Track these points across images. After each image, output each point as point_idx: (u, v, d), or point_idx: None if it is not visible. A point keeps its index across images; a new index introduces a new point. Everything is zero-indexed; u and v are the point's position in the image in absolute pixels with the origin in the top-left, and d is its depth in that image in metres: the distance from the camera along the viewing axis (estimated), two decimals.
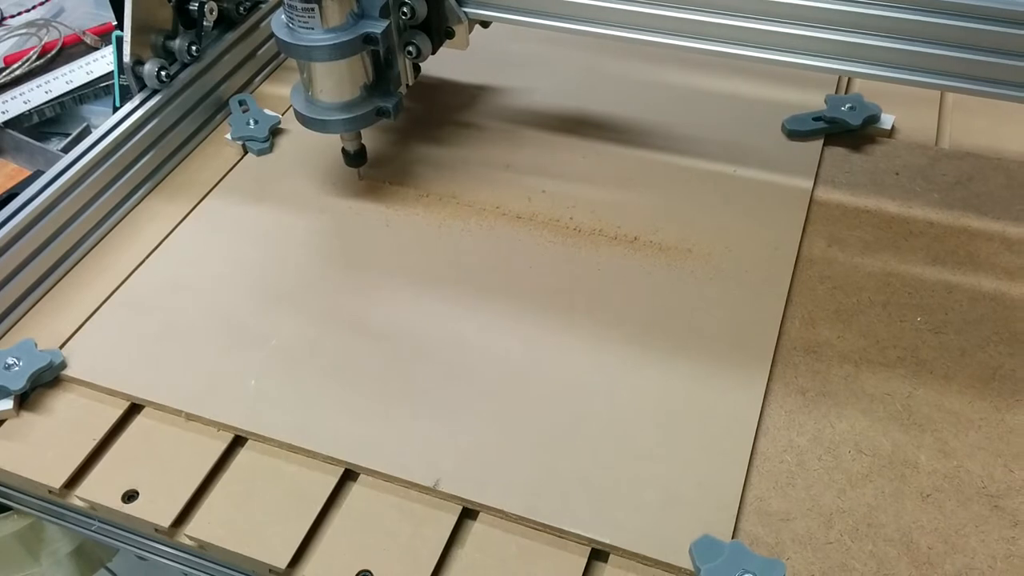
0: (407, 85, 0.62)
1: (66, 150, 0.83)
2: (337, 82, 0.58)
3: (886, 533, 0.45)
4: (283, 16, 0.55)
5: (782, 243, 0.59)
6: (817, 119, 0.68)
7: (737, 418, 0.49)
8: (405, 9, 0.57)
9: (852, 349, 0.53)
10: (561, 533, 0.45)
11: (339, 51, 0.55)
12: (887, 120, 0.68)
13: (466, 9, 0.59)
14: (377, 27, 0.55)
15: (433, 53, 0.60)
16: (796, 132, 0.67)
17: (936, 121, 0.69)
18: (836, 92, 0.71)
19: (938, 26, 0.50)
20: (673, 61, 0.73)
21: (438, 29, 0.59)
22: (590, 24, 0.57)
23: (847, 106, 0.68)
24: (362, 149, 0.64)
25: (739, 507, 0.45)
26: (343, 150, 0.64)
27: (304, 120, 0.60)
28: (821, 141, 0.67)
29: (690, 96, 0.71)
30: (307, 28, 0.54)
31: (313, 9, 0.53)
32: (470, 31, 0.61)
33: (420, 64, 0.61)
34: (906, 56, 0.52)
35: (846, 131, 0.67)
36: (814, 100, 0.69)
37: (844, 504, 0.46)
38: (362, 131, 0.62)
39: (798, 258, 0.58)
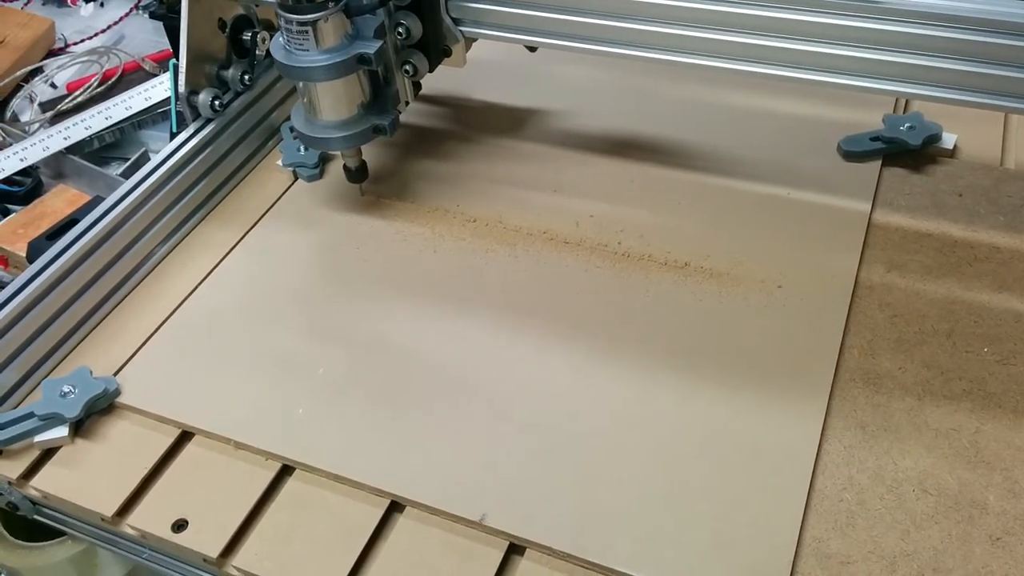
0: (407, 102, 0.63)
1: (125, 175, 0.85)
2: (334, 101, 0.59)
3: None
4: (281, 39, 0.57)
5: (839, 269, 0.57)
6: (875, 139, 0.66)
7: (793, 453, 0.48)
8: (400, 30, 0.58)
9: (915, 381, 0.51)
10: (609, 572, 0.44)
11: (334, 71, 0.56)
12: (949, 139, 0.65)
13: (462, 28, 0.59)
14: (370, 47, 0.56)
15: (431, 71, 0.61)
16: (853, 153, 0.65)
17: (1001, 140, 0.66)
18: (894, 111, 0.68)
19: (999, 47, 0.48)
20: (723, 81, 0.72)
21: (435, 48, 0.60)
22: (605, 45, 0.56)
23: (906, 125, 0.65)
24: (363, 165, 0.65)
25: (796, 549, 0.44)
26: (344, 167, 0.65)
27: (304, 139, 0.61)
28: (879, 162, 0.65)
29: (741, 116, 0.70)
30: (303, 50, 0.56)
31: (307, 31, 0.55)
32: (467, 50, 0.62)
33: (420, 82, 0.62)
34: (968, 77, 0.49)
35: (905, 151, 0.65)
36: (871, 119, 0.67)
37: (908, 547, 0.44)
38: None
39: (856, 284, 0.56)
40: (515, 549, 0.46)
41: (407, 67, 0.60)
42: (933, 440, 0.48)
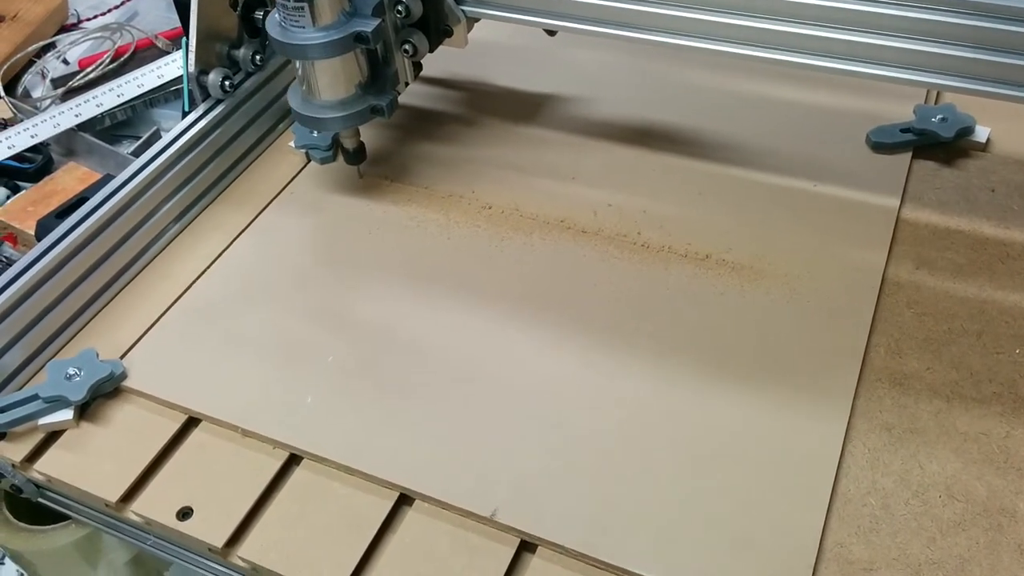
0: (406, 83, 0.62)
1: (136, 153, 0.84)
2: (331, 80, 0.57)
3: None
4: (276, 15, 0.55)
5: (865, 264, 0.56)
6: (905, 131, 0.63)
7: (816, 455, 0.46)
8: (400, 8, 0.57)
9: (943, 382, 0.49)
10: (623, 573, 0.43)
11: (330, 49, 0.55)
12: (982, 133, 0.63)
13: (464, 8, 0.58)
14: (368, 25, 0.54)
15: (431, 52, 0.60)
16: (882, 144, 0.63)
17: None
18: (925, 102, 0.66)
19: None
20: (747, 69, 0.70)
21: (436, 27, 0.59)
22: (618, 28, 0.54)
23: (938, 117, 0.63)
24: (361, 147, 0.63)
25: (817, 554, 0.42)
26: (341, 147, 0.63)
27: (300, 118, 0.60)
28: (909, 154, 0.63)
29: (766, 105, 0.68)
30: (298, 27, 0.54)
31: (303, 8, 0.53)
32: (468, 30, 0.60)
33: (421, 62, 0.61)
34: (1003, 70, 0.47)
35: (936, 144, 0.63)
36: (901, 110, 0.65)
37: (934, 555, 0.42)
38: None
39: (883, 281, 0.55)
40: (526, 546, 0.45)
41: (406, 47, 0.59)
42: (961, 444, 0.47)
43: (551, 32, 0.61)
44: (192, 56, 0.61)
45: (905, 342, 0.52)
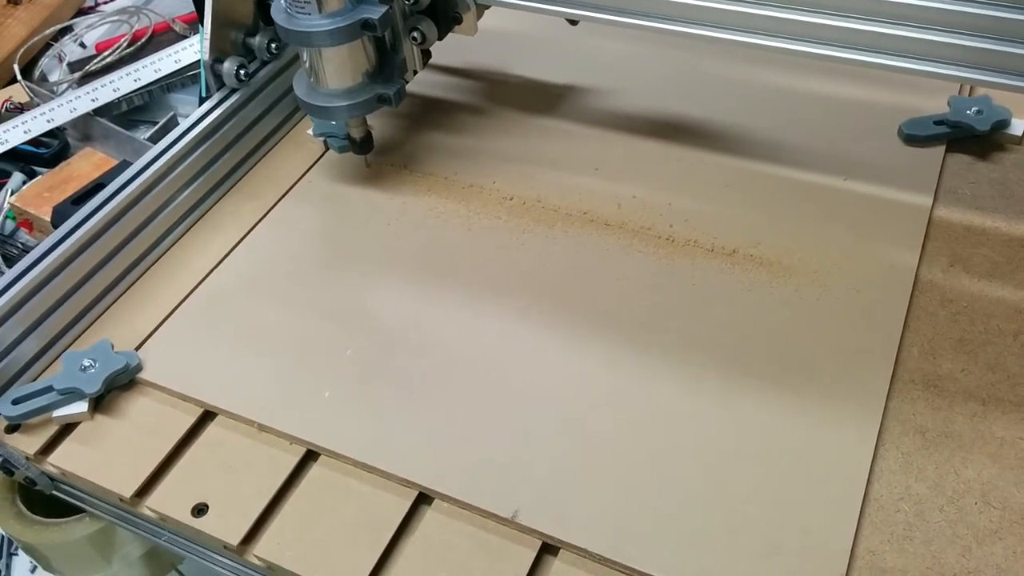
0: (415, 71, 0.60)
1: (153, 139, 0.83)
2: (337, 68, 0.56)
3: None
4: (282, 2, 0.54)
5: (898, 261, 0.54)
6: (939, 123, 0.62)
7: (847, 459, 0.45)
8: None
9: (979, 384, 0.48)
10: None
11: (337, 37, 0.54)
12: (1018, 126, 0.61)
13: None
14: (375, 12, 0.53)
15: (440, 39, 0.59)
16: (915, 137, 0.61)
17: None
18: (959, 94, 0.64)
19: None
20: (773, 61, 0.68)
21: (444, 14, 0.58)
22: (637, 17, 0.53)
23: (973, 109, 0.61)
24: (368, 136, 0.62)
25: (849, 562, 0.41)
26: (348, 137, 0.62)
27: (306, 107, 0.59)
28: (943, 148, 0.61)
29: (795, 98, 0.66)
30: (304, 13, 0.53)
31: None
32: (478, 17, 0.59)
33: (430, 50, 0.60)
34: None
35: (971, 137, 0.61)
36: (935, 102, 0.63)
37: (969, 564, 0.41)
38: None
39: (916, 279, 0.53)
40: (548, 549, 0.44)
41: (415, 34, 0.58)
42: (998, 449, 0.45)
43: (573, 22, 0.60)
44: (207, 44, 0.60)
45: (939, 342, 0.50)
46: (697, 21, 0.52)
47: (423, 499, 0.46)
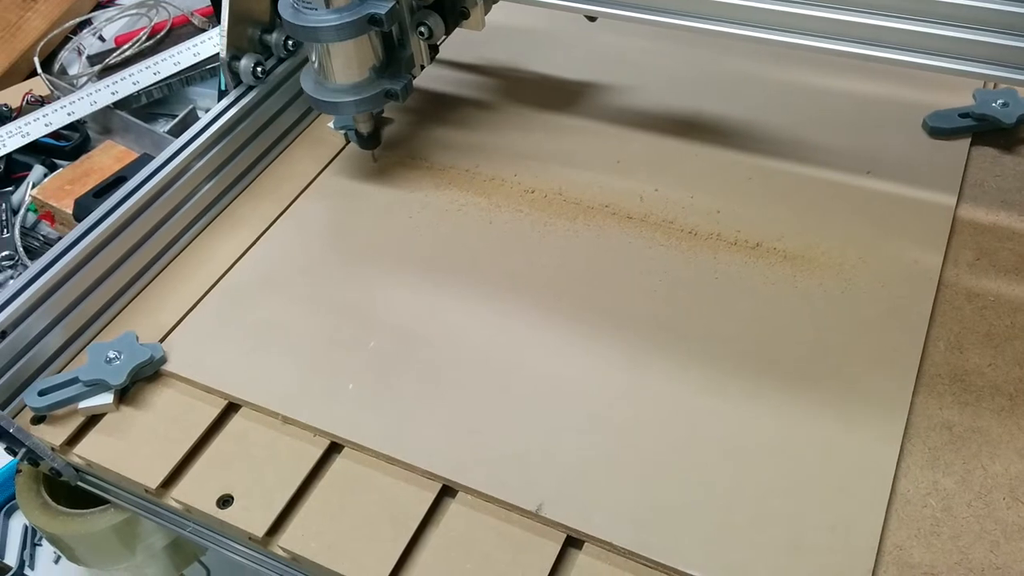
0: (422, 66, 0.60)
1: (172, 132, 0.84)
2: (344, 63, 0.56)
3: None
4: None
5: (923, 255, 0.54)
6: (964, 116, 0.61)
7: (873, 454, 0.44)
8: None
9: (1006, 379, 0.47)
10: (673, 572, 0.41)
11: (344, 32, 0.54)
12: None
13: None
14: (382, 7, 0.53)
15: (447, 34, 0.59)
16: (940, 130, 0.61)
17: None
18: (984, 86, 0.64)
19: None
20: (795, 57, 0.67)
21: (452, 9, 0.57)
22: (646, 12, 0.53)
23: (999, 102, 0.61)
24: (375, 131, 0.62)
25: (876, 557, 0.41)
26: (356, 132, 0.62)
27: (313, 102, 0.59)
28: (968, 141, 0.61)
29: (817, 93, 0.65)
30: (311, 8, 0.53)
31: None
32: (486, 12, 0.59)
33: (437, 45, 0.60)
34: None
35: (997, 129, 0.61)
36: (960, 95, 0.62)
37: (998, 560, 0.41)
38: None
39: (942, 273, 0.53)
40: (573, 542, 0.43)
41: (422, 29, 0.57)
42: None
43: (592, 18, 0.59)
44: (224, 41, 0.60)
45: (966, 337, 0.50)
46: (718, 18, 0.52)
47: (447, 492, 0.46)
